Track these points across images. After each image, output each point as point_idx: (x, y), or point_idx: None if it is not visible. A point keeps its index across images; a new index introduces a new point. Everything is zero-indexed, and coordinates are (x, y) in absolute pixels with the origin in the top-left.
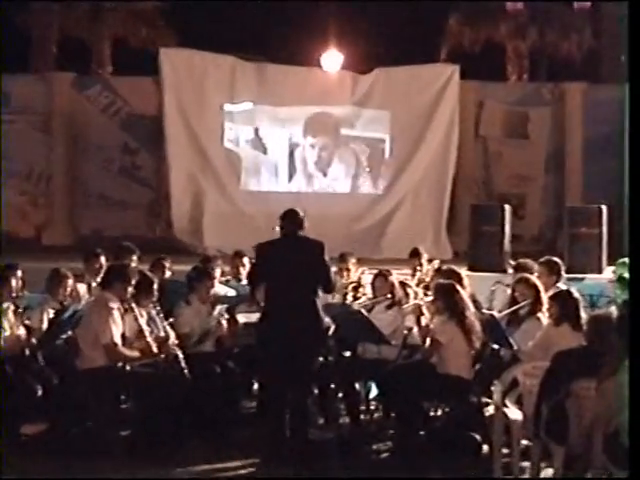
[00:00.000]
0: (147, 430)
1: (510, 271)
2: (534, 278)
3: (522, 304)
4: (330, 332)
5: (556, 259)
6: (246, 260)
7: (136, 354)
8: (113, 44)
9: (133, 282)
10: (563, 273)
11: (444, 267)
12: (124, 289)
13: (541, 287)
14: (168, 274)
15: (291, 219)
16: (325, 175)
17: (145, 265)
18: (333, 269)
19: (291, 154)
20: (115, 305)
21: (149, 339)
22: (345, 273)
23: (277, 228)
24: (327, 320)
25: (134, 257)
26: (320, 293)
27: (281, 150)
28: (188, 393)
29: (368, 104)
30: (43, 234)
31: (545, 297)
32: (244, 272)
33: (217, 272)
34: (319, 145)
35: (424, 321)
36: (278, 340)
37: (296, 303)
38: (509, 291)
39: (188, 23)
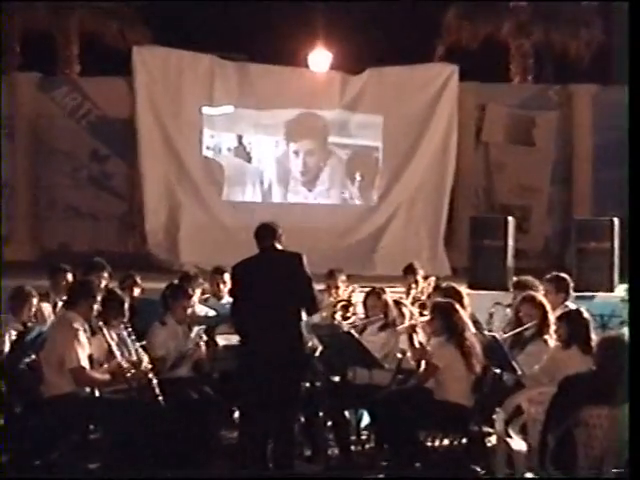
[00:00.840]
0: (118, 463)
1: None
2: (541, 297)
3: (527, 325)
4: (317, 355)
5: (564, 276)
6: (227, 277)
7: (107, 377)
8: (81, 42)
9: (99, 299)
10: (571, 291)
11: (443, 284)
12: (89, 307)
13: (548, 306)
14: (137, 291)
15: (266, 233)
16: (312, 185)
17: (116, 283)
18: (320, 287)
19: (277, 162)
20: (80, 325)
21: (119, 360)
22: (334, 291)
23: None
24: (314, 342)
25: (105, 274)
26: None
27: (266, 158)
28: (163, 422)
29: (359, 107)
30: (5, 249)
31: (552, 317)
32: (225, 290)
33: (198, 292)
34: (304, 150)
35: (418, 342)
36: (260, 364)
37: (278, 324)
38: (508, 311)
39: (163, 19)
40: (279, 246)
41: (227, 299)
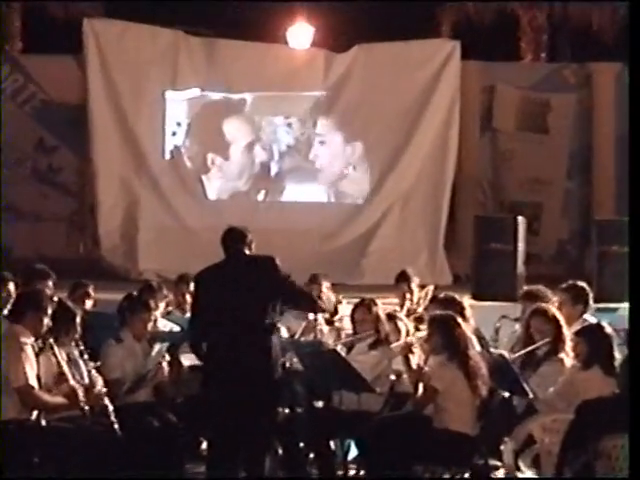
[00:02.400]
0: None
1: None
2: (554, 309)
3: (540, 343)
4: (298, 376)
5: (582, 284)
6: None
7: (60, 400)
8: (24, 13)
9: (49, 312)
10: (591, 302)
11: (441, 295)
12: (39, 321)
13: (563, 320)
14: (90, 303)
15: (234, 238)
16: (290, 180)
17: (64, 293)
18: None
19: (251, 154)
20: (28, 340)
21: (72, 383)
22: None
23: None
24: (294, 361)
25: (49, 283)
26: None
27: (239, 150)
28: (119, 454)
29: (345, 90)
30: None
31: (568, 333)
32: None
33: (161, 305)
34: (279, 139)
35: (416, 362)
36: (228, 387)
37: (248, 339)
38: (517, 326)
39: None
40: (248, 252)
41: None
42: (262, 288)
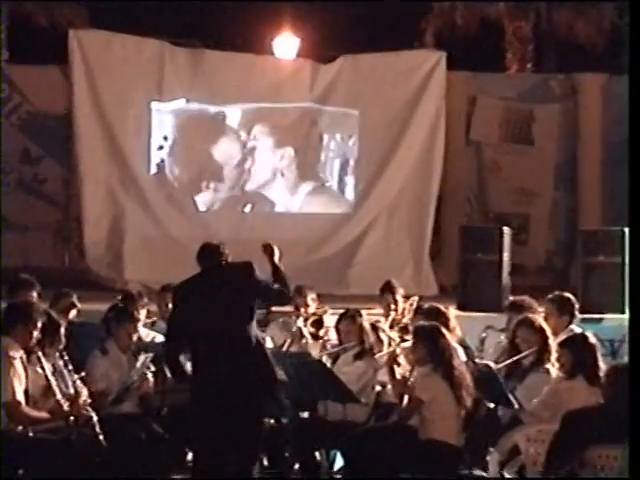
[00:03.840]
0: None
1: None
2: (540, 320)
3: (525, 353)
4: (283, 387)
5: (568, 295)
6: None
7: (45, 415)
8: (10, 23)
9: (39, 324)
10: (576, 313)
11: (426, 305)
12: (28, 334)
13: (549, 331)
14: (74, 313)
15: (210, 253)
16: (275, 191)
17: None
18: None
19: (242, 166)
20: (17, 354)
21: (59, 397)
22: (303, 310)
23: None
24: (280, 372)
25: (34, 293)
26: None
27: (224, 160)
28: (104, 465)
29: (331, 100)
30: None
31: (554, 343)
32: None
33: (142, 313)
34: (265, 149)
35: (400, 373)
36: (214, 397)
37: (233, 349)
38: (502, 337)
39: None
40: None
41: None
42: (242, 293)
